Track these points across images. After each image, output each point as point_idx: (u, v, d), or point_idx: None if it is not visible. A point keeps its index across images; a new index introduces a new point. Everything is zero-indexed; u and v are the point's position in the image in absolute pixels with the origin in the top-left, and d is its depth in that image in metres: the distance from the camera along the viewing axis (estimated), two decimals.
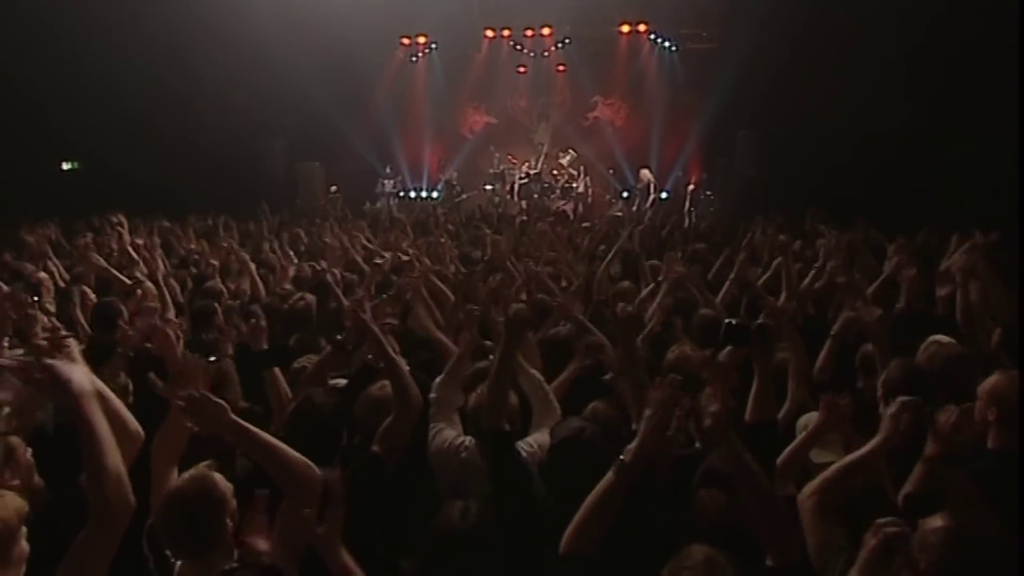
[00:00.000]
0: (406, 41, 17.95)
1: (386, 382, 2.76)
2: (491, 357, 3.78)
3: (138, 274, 4.94)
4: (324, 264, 5.52)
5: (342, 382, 3.39)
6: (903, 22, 11.01)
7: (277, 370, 3.25)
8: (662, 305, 4.13)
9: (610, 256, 5.84)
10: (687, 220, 13.08)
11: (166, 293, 4.67)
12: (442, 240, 7.14)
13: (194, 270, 6.08)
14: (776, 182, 12.68)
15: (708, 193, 15.14)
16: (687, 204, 15.11)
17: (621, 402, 2.79)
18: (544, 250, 6.61)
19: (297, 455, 1.96)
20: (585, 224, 10.12)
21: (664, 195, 16.33)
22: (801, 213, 9.80)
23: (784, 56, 12.71)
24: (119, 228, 5.96)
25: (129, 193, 11.81)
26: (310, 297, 4.57)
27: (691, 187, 15.56)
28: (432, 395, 2.85)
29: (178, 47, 13.26)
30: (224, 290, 5.41)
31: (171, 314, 4.51)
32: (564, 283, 5.22)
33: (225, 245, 6.65)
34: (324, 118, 15.77)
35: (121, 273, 5.53)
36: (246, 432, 1.93)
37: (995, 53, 9.50)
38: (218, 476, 2.00)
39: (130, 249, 5.75)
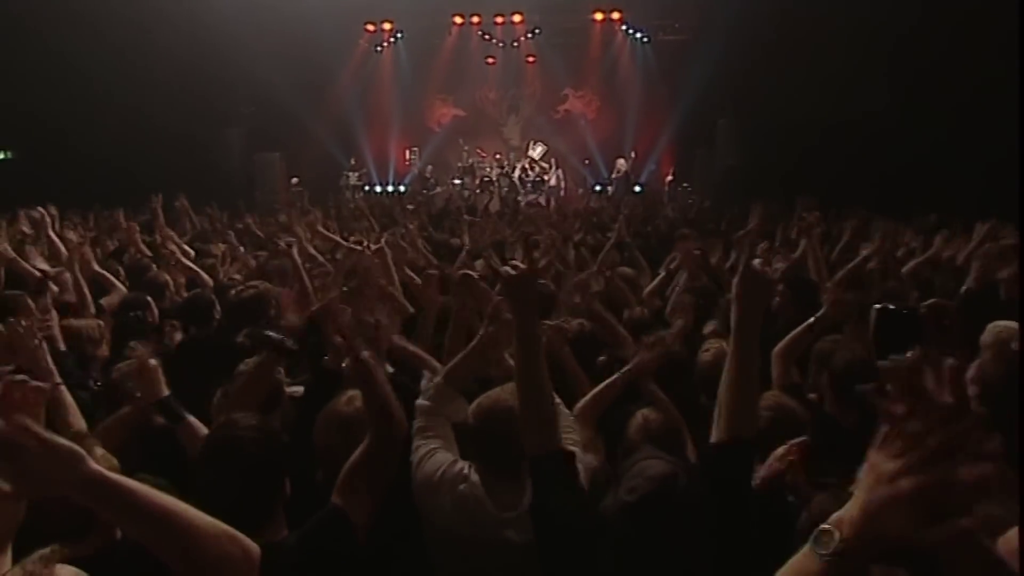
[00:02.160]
0: (371, 27, 17.23)
1: (357, 393, 2.02)
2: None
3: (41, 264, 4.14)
4: (287, 241, 4.78)
5: (299, 390, 2.71)
6: (880, 6, 10.77)
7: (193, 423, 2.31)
8: (683, 298, 3.49)
9: (608, 245, 5.21)
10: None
11: (84, 288, 3.90)
12: (411, 226, 6.46)
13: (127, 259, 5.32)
14: (757, 171, 12.30)
15: (685, 185, 14.74)
16: (665, 197, 14.68)
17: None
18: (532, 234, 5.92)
19: (213, 525, 1.17)
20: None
21: (638, 188, 15.93)
22: (786, 201, 9.38)
23: (762, 44, 12.40)
24: (43, 218, 5.09)
25: (68, 185, 11.04)
26: (265, 285, 3.81)
27: (669, 179, 15.15)
28: (420, 402, 2.13)
29: (127, 30, 12.31)
30: (169, 282, 4.66)
31: (90, 311, 3.78)
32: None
33: (162, 233, 5.87)
34: (284, 106, 14.96)
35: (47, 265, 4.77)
36: (117, 491, 1.10)
37: (975, 38, 9.29)
38: (68, 573, 1.22)
39: (53, 236, 4.96)
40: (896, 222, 7.27)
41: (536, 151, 17.37)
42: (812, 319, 2.57)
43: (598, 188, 16.68)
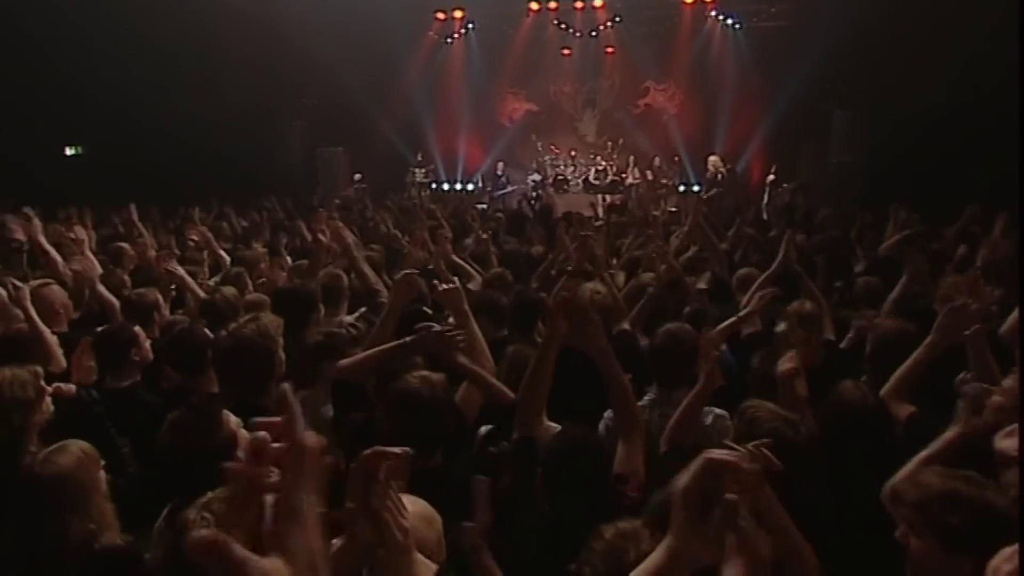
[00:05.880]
0: (441, 16, 16.28)
1: None
2: None
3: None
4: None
5: None
6: None
7: None
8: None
9: (771, 271, 3.88)
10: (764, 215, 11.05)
11: (31, 310, 2.89)
12: (484, 236, 5.33)
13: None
14: (881, 168, 10.56)
15: (786, 185, 13.10)
16: (764, 198, 13.10)
17: None
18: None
19: None
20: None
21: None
22: (917, 203, 7.69)
23: (877, 22, 10.69)
24: (30, 221, 4.19)
25: (132, 180, 10.84)
26: (270, 319, 2.61)
27: (771, 178, 13.52)
28: None
29: (188, 21, 11.83)
30: (160, 303, 3.67)
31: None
32: None
33: (196, 239, 4.89)
34: (349, 99, 14.39)
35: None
36: None
37: None
38: None
39: (43, 241, 4.07)
40: None
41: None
42: None
43: (682, 188, 15.30)
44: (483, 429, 2.66)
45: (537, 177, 16.08)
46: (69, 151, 14.60)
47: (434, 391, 2.13)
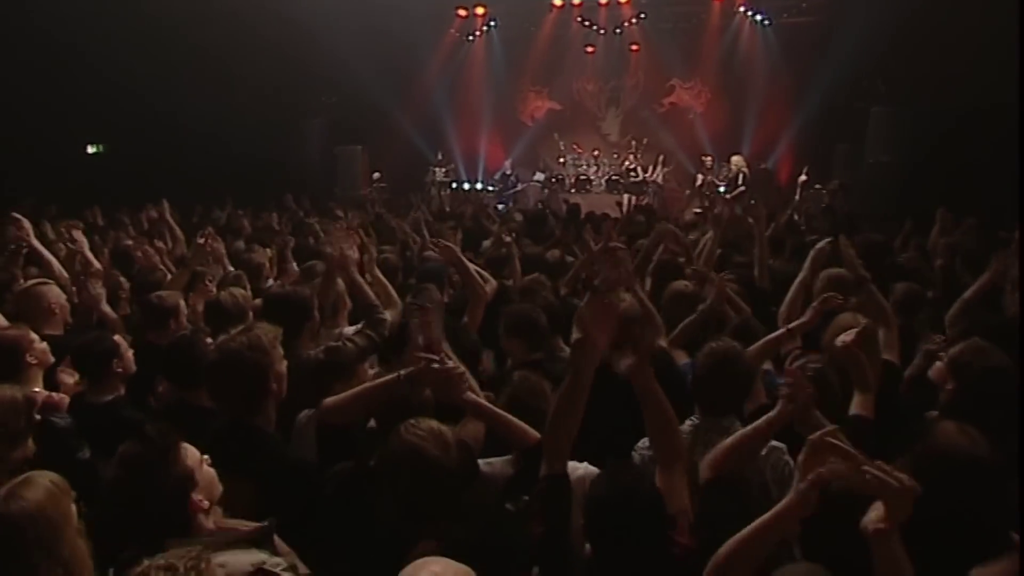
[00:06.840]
0: (463, 13, 16.06)
1: None
2: None
3: None
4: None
5: None
6: None
7: None
8: None
9: (801, 275, 3.50)
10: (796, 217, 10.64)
11: None
12: (508, 239, 5.04)
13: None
14: (919, 169, 10.08)
15: (817, 186, 12.64)
16: (796, 199, 12.64)
17: None
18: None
19: None
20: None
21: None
22: (967, 208, 7.24)
23: (913, 15, 10.21)
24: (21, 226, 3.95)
25: (154, 178, 10.71)
26: (265, 329, 2.32)
27: (802, 178, 13.07)
28: None
29: (209, 19, 11.70)
30: (180, 307, 3.41)
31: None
32: None
33: (203, 241, 4.61)
34: (368, 97, 14.16)
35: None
36: None
37: None
38: None
39: (36, 244, 3.85)
40: None
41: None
42: None
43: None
44: (487, 462, 2.35)
45: (541, 176, 15.74)
46: (91, 149, 14.61)
47: (447, 454, 1.79)
